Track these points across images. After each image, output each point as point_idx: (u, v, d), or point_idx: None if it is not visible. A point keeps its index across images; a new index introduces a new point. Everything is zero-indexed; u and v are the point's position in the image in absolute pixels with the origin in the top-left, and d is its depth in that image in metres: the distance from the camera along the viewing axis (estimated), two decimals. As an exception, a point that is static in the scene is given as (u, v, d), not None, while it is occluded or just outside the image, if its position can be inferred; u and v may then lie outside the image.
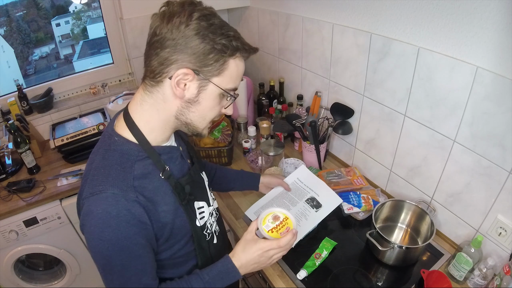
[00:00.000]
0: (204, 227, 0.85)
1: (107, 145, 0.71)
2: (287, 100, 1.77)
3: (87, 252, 1.80)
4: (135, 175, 0.68)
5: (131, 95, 1.92)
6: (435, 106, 1.03)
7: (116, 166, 0.67)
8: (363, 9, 1.17)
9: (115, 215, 0.63)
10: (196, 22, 0.62)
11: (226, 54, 0.65)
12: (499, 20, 0.79)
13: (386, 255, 1.04)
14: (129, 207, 0.64)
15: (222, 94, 0.70)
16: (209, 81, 0.67)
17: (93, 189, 0.65)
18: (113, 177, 0.65)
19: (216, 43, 0.63)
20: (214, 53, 0.64)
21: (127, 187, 0.65)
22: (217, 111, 0.74)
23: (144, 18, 1.96)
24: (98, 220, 0.63)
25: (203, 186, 0.90)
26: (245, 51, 0.68)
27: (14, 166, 1.70)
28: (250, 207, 1.26)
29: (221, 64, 0.66)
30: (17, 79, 1.83)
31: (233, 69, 0.68)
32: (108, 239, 0.63)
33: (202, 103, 0.69)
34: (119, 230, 0.63)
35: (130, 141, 0.70)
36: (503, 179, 0.91)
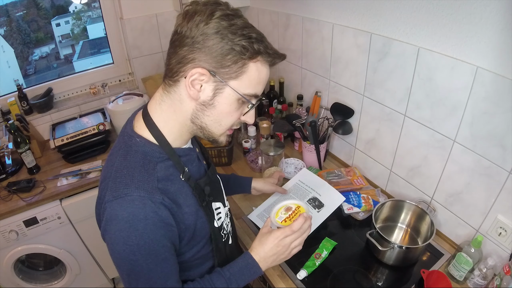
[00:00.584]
0: (221, 228, 0.84)
1: (127, 146, 0.68)
2: (287, 100, 1.77)
3: (87, 252, 1.80)
4: (158, 177, 0.66)
5: (131, 95, 1.92)
6: (435, 106, 1.03)
7: (139, 168, 0.65)
8: (363, 9, 1.17)
9: (142, 218, 0.61)
10: (217, 21, 0.59)
11: (245, 56, 0.62)
12: (499, 20, 0.79)
13: (386, 255, 1.04)
14: (156, 210, 0.62)
15: (240, 99, 0.66)
16: (226, 84, 0.63)
17: (117, 192, 0.62)
18: (138, 179, 0.63)
19: (235, 44, 0.60)
20: (232, 54, 0.61)
21: (153, 189, 0.63)
22: (235, 118, 0.70)
23: (144, 18, 1.96)
24: (124, 224, 0.61)
25: (219, 187, 0.90)
26: (268, 55, 0.64)
27: (14, 166, 1.70)
28: (253, 211, 1.26)
29: (239, 66, 0.62)
30: (17, 79, 1.84)
31: (253, 73, 0.64)
32: (135, 243, 0.61)
33: (217, 107, 0.66)
34: (146, 233, 0.61)
35: (151, 142, 0.68)
36: (503, 179, 0.91)
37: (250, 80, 0.65)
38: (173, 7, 2.00)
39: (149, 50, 2.06)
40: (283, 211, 0.83)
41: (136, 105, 1.83)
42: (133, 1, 1.89)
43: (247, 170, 1.56)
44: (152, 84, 2.04)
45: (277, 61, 0.67)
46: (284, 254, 0.79)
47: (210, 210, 0.79)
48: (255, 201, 1.35)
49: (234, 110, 0.68)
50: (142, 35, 2.00)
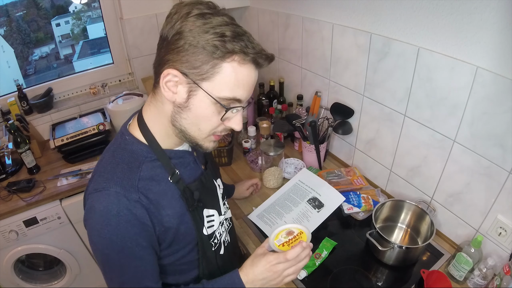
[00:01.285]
0: (211, 236, 0.81)
1: (117, 143, 0.70)
2: (287, 100, 1.77)
3: (87, 252, 1.80)
4: (141, 176, 0.66)
5: (131, 95, 1.92)
6: (435, 106, 1.03)
7: (123, 165, 0.66)
8: (363, 9, 1.17)
9: (115, 214, 0.62)
10: (192, 20, 0.57)
11: (216, 55, 0.57)
12: (499, 20, 0.79)
13: (386, 255, 1.04)
14: (130, 207, 0.63)
15: (217, 104, 0.62)
16: (198, 86, 0.60)
17: (97, 186, 0.64)
18: (118, 176, 0.64)
19: (206, 43, 0.57)
20: (203, 54, 0.58)
21: (131, 186, 0.64)
22: (214, 123, 0.65)
23: (144, 18, 1.96)
24: (99, 217, 0.62)
25: (215, 194, 0.86)
26: (245, 55, 0.59)
27: (14, 166, 1.70)
28: (253, 211, 1.26)
29: (211, 67, 0.59)
30: (17, 79, 1.83)
31: (228, 74, 0.59)
32: (107, 237, 0.62)
33: (193, 110, 0.63)
34: (118, 229, 0.62)
35: (140, 142, 0.69)
36: (503, 179, 0.91)
37: (225, 82, 0.60)
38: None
39: (149, 50, 2.06)
40: (284, 234, 0.75)
41: (136, 105, 1.83)
42: (133, 1, 1.89)
43: (247, 170, 1.56)
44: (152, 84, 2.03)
45: (260, 61, 0.62)
46: (275, 280, 0.73)
47: (200, 217, 0.77)
48: (255, 201, 1.35)
49: (212, 115, 0.63)
50: (142, 35, 2.00)
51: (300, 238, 0.74)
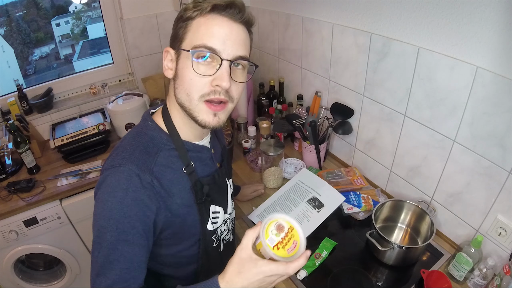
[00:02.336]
0: (213, 232, 0.82)
1: (140, 127, 0.74)
2: (287, 100, 1.77)
3: (87, 252, 1.80)
4: (157, 161, 0.68)
5: (131, 95, 1.92)
6: (435, 106, 1.03)
7: (141, 147, 0.69)
8: (363, 9, 1.17)
9: (124, 188, 0.63)
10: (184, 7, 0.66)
11: (186, 17, 0.65)
12: (499, 20, 0.79)
13: (386, 255, 1.04)
14: (139, 187, 0.64)
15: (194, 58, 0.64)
16: (179, 49, 0.67)
17: (114, 162, 0.66)
18: (135, 156, 0.67)
19: (181, 12, 0.66)
20: (180, 22, 0.66)
21: (146, 168, 0.66)
22: (200, 83, 0.65)
23: (144, 18, 1.96)
24: (108, 188, 0.64)
25: (224, 192, 0.88)
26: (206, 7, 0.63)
27: (14, 166, 1.70)
28: (254, 211, 1.26)
29: (183, 28, 0.66)
30: (17, 79, 1.84)
31: (196, 27, 0.65)
32: (109, 208, 0.63)
33: (179, 75, 0.67)
34: (122, 203, 0.63)
35: (161, 129, 0.72)
36: (503, 179, 0.91)
37: (194, 35, 0.64)
38: (173, 7, 2.00)
39: (149, 50, 2.06)
40: (274, 230, 0.63)
41: (136, 105, 1.83)
42: (133, 1, 1.89)
43: (247, 170, 1.56)
44: (152, 84, 2.03)
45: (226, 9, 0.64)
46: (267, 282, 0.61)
47: (206, 211, 0.78)
48: (255, 201, 1.35)
49: (194, 74, 0.64)
50: (142, 35, 2.00)
51: (292, 237, 0.64)
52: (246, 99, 1.77)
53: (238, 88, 0.69)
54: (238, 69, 0.68)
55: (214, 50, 0.63)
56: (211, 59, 0.64)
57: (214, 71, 0.64)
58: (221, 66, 0.64)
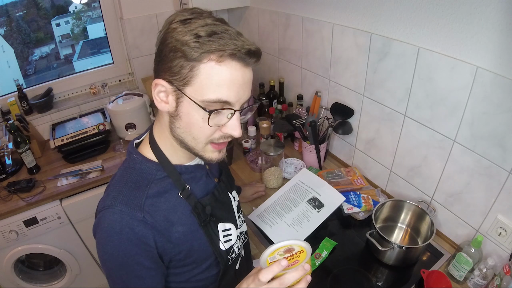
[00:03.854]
0: (229, 251, 0.78)
1: (127, 163, 0.71)
2: (287, 100, 1.77)
3: (87, 252, 1.80)
4: (148, 194, 0.65)
5: (131, 95, 1.92)
6: (435, 106, 1.03)
7: (130, 184, 0.66)
8: (363, 9, 1.17)
9: (118, 231, 0.62)
10: (173, 27, 0.57)
11: (191, 57, 0.55)
12: (499, 20, 0.79)
13: (386, 255, 1.04)
14: (132, 226, 0.62)
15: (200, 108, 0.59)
16: (182, 92, 0.58)
17: (105, 203, 0.65)
18: (124, 195, 0.65)
19: (182, 46, 0.55)
20: (181, 58, 0.56)
21: (136, 205, 0.64)
22: (206, 130, 0.61)
23: (144, 18, 1.96)
24: (104, 233, 0.63)
25: (230, 207, 0.83)
26: (221, 52, 0.54)
27: (14, 166, 1.70)
28: (254, 211, 1.26)
29: (189, 70, 0.56)
30: (17, 79, 1.83)
31: (207, 75, 0.56)
32: (110, 253, 0.63)
33: (182, 118, 0.61)
34: (120, 246, 0.62)
35: (149, 160, 0.69)
36: (503, 179, 0.91)
37: (205, 84, 0.56)
38: (173, 7, 2.00)
39: (149, 50, 2.06)
40: (282, 252, 0.62)
41: (136, 105, 1.83)
42: (133, 1, 1.89)
43: (247, 170, 1.56)
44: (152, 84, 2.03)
45: (242, 56, 0.56)
46: None
47: (214, 232, 0.74)
48: (255, 201, 1.35)
49: (201, 121, 0.60)
50: (142, 35, 2.00)
51: (298, 258, 0.61)
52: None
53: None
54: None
55: (230, 104, 0.59)
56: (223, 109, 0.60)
57: (226, 120, 0.61)
58: (233, 116, 0.61)
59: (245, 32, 1.98)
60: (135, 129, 1.84)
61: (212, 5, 1.74)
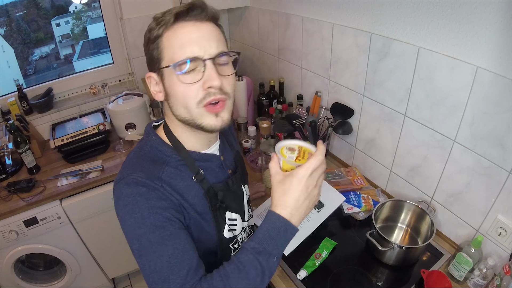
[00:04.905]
0: (232, 240, 0.80)
1: (144, 141, 0.74)
2: (287, 100, 1.77)
3: (87, 252, 1.80)
4: (165, 170, 0.68)
5: (131, 95, 1.92)
6: (435, 106, 1.03)
7: (148, 160, 0.70)
8: (363, 9, 1.17)
9: (144, 192, 0.63)
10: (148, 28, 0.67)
11: (154, 36, 0.64)
12: (499, 20, 0.79)
13: (386, 255, 1.04)
14: (155, 187, 0.64)
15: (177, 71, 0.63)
16: (160, 69, 0.66)
17: (123, 174, 0.67)
18: (142, 166, 0.68)
19: (147, 34, 0.66)
20: (150, 44, 0.66)
21: (154, 176, 0.66)
22: (189, 92, 0.64)
23: (144, 18, 1.96)
24: (128, 199, 0.63)
25: (240, 199, 0.85)
26: (169, 20, 0.63)
27: (14, 166, 1.70)
28: (254, 211, 1.26)
29: (156, 48, 0.65)
30: (17, 79, 1.83)
31: (169, 43, 0.64)
32: (139, 216, 0.61)
33: (169, 93, 0.66)
34: (148, 204, 0.62)
35: (165, 143, 0.72)
36: (503, 179, 0.91)
37: (171, 51, 0.64)
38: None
39: (149, 50, 2.06)
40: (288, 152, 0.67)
41: (136, 105, 1.83)
42: (133, 1, 1.89)
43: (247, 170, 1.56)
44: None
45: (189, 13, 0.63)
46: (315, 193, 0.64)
47: (222, 218, 0.76)
48: (255, 201, 1.35)
49: (180, 84, 0.64)
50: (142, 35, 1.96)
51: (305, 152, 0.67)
52: (246, 99, 1.77)
53: (230, 82, 0.68)
54: (222, 64, 0.67)
55: (196, 57, 0.63)
56: (194, 65, 0.63)
57: (201, 75, 0.63)
58: (206, 67, 0.63)
59: (245, 32, 1.98)
60: (135, 129, 1.84)
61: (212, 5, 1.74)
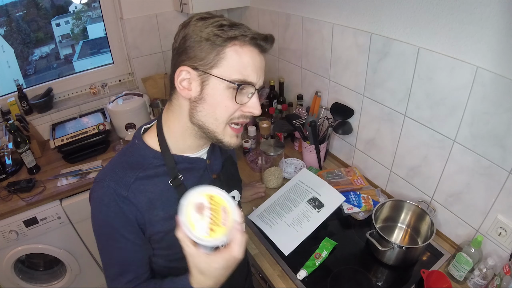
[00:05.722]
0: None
1: (128, 145, 0.77)
2: (287, 100, 1.77)
3: (87, 252, 1.80)
4: (139, 176, 0.70)
5: (131, 95, 1.92)
6: (435, 106, 1.03)
7: (124, 164, 0.72)
8: (363, 9, 1.17)
9: (106, 203, 0.68)
10: (193, 23, 0.65)
11: (218, 42, 0.63)
12: (499, 20, 0.79)
13: (386, 255, 1.04)
14: (118, 202, 0.68)
15: (230, 87, 0.65)
16: (209, 74, 0.65)
17: (98, 176, 0.72)
18: (115, 173, 0.70)
19: (207, 35, 0.63)
20: (207, 45, 0.64)
21: (123, 184, 0.69)
22: (230, 109, 0.67)
23: (144, 18, 1.96)
24: (94, 204, 0.70)
25: None
26: (244, 37, 0.64)
27: (14, 166, 1.70)
28: (254, 211, 1.26)
29: (216, 54, 0.64)
30: (17, 79, 1.83)
31: (233, 58, 0.64)
32: (98, 223, 0.71)
33: (207, 99, 0.66)
34: (107, 217, 0.69)
35: (149, 147, 0.73)
36: (503, 179, 0.91)
37: (232, 65, 0.64)
38: (173, 7, 2.00)
39: (149, 50, 2.06)
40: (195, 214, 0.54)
41: (136, 105, 1.83)
42: (133, 1, 1.89)
43: (247, 170, 1.56)
44: (152, 84, 2.04)
45: (260, 42, 0.66)
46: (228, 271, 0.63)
47: None
48: (255, 201, 1.35)
49: (227, 100, 0.66)
50: (142, 35, 2.00)
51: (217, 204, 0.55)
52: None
53: None
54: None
55: (253, 84, 0.66)
56: (246, 88, 0.67)
57: (247, 99, 0.67)
58: (253, 95, 0.67)
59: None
60: (135, 129, 1.84)
61: (212, 5, 1.74)
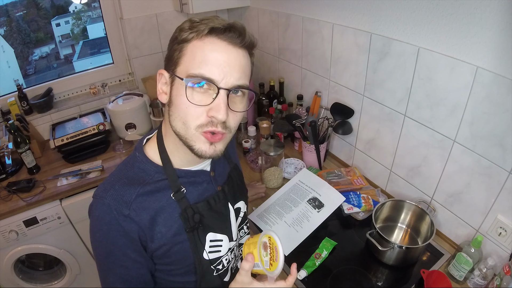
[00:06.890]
0: (214, 261, 0.77)
1: (129, 158, 0.73)
2: (287, 100, 1.77)
3: (87, 252, 1.80)
4: (139, 192, 0.66)
5: (131, 95, 1.92)
6: (435, 106, 1.03)
7: (124, 180, 0.67)
8: (363, 9, 1.17)
9: (107, 222, 0.64)
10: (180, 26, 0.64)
11: (180, 39, 0.60)
12: (499, 20, 0.79)
13: (386, 255, 1.04)
14: (119, 220, 0.64)
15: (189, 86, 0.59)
16: (174, 74, 0.61)
17: (98, 192, 0.67)
18: (115, 189, 0.66)
19: (175, 33, 0.63)
20: (174, 44, 0.62)
21: (124, 202, 0.65)
22: (196, 113, 0.60)
23: (144, 18, 1.96)
24: (94, 221, 0.67)
25: (225, 218, 0.80)
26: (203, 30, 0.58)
27: (14, 166, 1.70)
28: (254, 211, 1.26)
29: (178, 52, 0.61)
30: (17, 79, 1.83)
31: (192, 53, 0.59)
32: (99, 240, 0.66)
33: (174, 102, 0.62)
34: (108, 236, 0.65)
35: (149, 161, 0.70)
36: (503, 179, 0.91)
37: (190, 60, 0.59)
38: (173, 7, 2.00)
39: (149, 50, 2.06)
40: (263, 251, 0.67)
41: (136, 105, 1.83)
42: (133, 1, 1.89)
43: (247, 170, 1.56)
44: (152, 84, 2.03)
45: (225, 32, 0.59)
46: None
47: (200, 240, 0.73)
48: (255, 201, 1.35)
49: (186, 99, 0.59)
50: (142, 35, 2.00)
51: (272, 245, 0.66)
52: (246, 99, 1.77)
53: (236, 117, 0.64)
54: (237, 96, 0.63)
55: (212, 80, 0.58)
56: (208, 86, 0.59)
57: (211, 100, 0.59)
58: (217, 96, 0.59)
59: (245, 32, 1.98)
60: (135, 129, 1.84)
61: (212, 5, 1.74)
